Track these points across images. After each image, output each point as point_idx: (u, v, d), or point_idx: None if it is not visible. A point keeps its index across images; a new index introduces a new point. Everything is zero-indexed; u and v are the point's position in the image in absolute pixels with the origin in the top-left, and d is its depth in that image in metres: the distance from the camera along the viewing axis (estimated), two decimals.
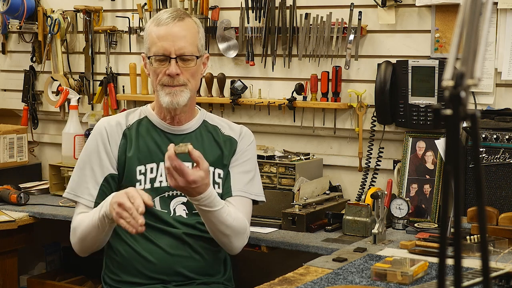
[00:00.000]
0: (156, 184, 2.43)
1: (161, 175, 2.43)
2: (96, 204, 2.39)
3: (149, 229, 2.39)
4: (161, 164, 2.44)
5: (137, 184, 2.42)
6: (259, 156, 3.09)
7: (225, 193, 2.49)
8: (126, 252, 2.41)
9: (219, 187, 2.48)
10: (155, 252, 2.39)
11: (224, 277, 2.52)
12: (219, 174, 2.49)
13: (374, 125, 3.17)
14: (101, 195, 2.40)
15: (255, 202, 2.56)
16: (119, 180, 2.45)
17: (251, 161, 2.57)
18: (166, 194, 2.43)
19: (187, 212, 2.43)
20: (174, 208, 2.43)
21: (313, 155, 3.26)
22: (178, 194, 2.43)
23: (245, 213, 2.48)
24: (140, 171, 2.43)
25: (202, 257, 2.43)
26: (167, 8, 3.57)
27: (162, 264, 2.39)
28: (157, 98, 2.46)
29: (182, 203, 2.44)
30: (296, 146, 3.39)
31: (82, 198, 2.44)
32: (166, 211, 2.41)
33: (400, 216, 2.86)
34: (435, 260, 2.26)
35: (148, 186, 2.42)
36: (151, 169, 2.44)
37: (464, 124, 1.10)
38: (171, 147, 2.17)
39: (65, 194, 2.51)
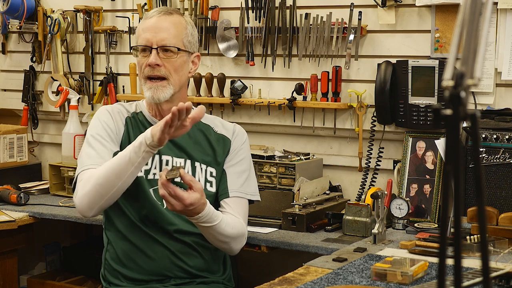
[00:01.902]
0: (150, 176, 2.43)
1: (155, 168, 2.43)
2: None
3: (147, 224, 2.40)
4: (156, 156, 2.45)
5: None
6: (259, 156, 3.10)
7: (222, 194, 2.49)
8: (127, 247, 2.41)
9: (211, 186, 2.48)
10: (155, 247, 2.40)
11: (224, 276, 2.53)
12: (211, 173, 2.49)
13: (374, 125, 3.17)
14: None
15: (250, 201, 2.57)
16: None
17: (246, 160, 2.57)
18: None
19: None
20: None
21: (313, 155, 3.26)
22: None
23: (242, 214, 2.49)
24: None
25: (199, 253, 2.44)
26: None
27: (162, 259, 2.40)
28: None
29: None
30: (296, 146, 3.39)
31: (94, 164, 2.35)
32: (160, 203, 2.41)
33: (400, 216, 2.86)
34: (435, 260, 2.26)
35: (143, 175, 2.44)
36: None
37: (464, 124, 1.10)
38: (162, 174, 2.15)
39: (76, 174, 2.40)
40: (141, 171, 2.40)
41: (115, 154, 2.38)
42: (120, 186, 2.27)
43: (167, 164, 2.44)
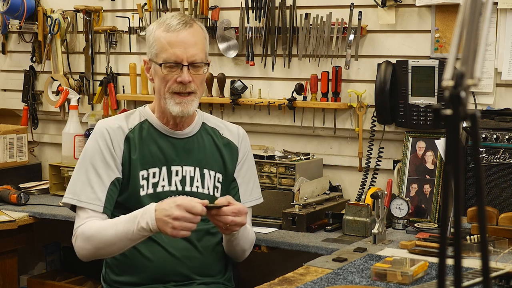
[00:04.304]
0: (159, 189, 2.40)
1: (163, 180, 2.41)
2: (105, 209, 2.35)
3: None
4: (164, 168, 2.42)
5: (141, 189, 2.38)
6: (259, 156, 3.10)
7: None
8: (129, 252, 2.39)
9: (217, 191, 2.47)
10: (157, 252, 2.39)
11: (224, 277, 2.52)
12: (218, 179, 2.49)
13: (374, 125, 3.17)
14: (109, 200, 2.36)
15: None
16: (122, 184, 2.41)
17: (252, 165, 2.60)
18: (168, 198, 2.41)
19: None
20: None
21: (313, 155, 3.26)
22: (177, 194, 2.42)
23: (250, 222, 2.56)
24: (142, 175, 2.39)
25: (203, 257, 2.43)
26: (167, 8, 3.57)
27: (164, 264, 2.38)
28: (160, 104, 2.41)
29: None
30: (296, 146, 3.39)
31: (90, 203, 2.35)
32: None
33: (400, 216, 2.86)
34: (435, 260, 2.26)
35: (150, 191, 2.39)
36: (154, 173, 2.40)
37: (464, 124, 1.10)
38: (226, 211, 2.21)
39: (66, 199, 2.39)
40: (147, 187, 2.39)
41: (112, 182, 2.37)
42: (119, 252, 2.34)
43: (177, 175, 2.43)
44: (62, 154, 3.71)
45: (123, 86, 3.79)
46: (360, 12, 3.15)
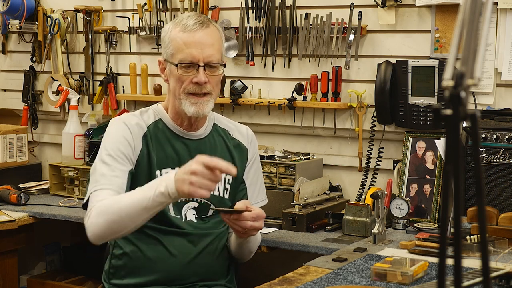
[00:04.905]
0: None
1: None
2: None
3: (161, 234, 2.37)
4: (176, 169, 2.40)
5: None
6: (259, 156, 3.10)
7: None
8: (133, 254, 2.38)
9: (226, 193, 2.47)
10: (162, 255, 2.37)
11: (227, 279, 2.52)
12: (228, 180, 2.48)
13: (374, 125, 3.17)
14: (127, 187, 2.31)
15: None
16: (132, 180, 2.36)
17: (259, 167, 2.60)
18: (179, 200, 2.39)
19: (196, 216, 2.42)
20: (186, 213, 2.41)
21: (313, 155, 3.26)
22: (190, 199, 2.40)
23: None
24: (156, 176, 2.37)
25: (208, 261, 2.42)
26: (166, 8, 3.57)
27: (168, 267, 2.37)
28: (175, 104, 2.39)
29: (193, 208, 2.43)
30: (296, 146, 3.39)
31: (111, 184, 2.26)
32: (178, 216, 2.39)
33: (400, 216, 2.86)
34: (435, 260, 2.26)
35: None
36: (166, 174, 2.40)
37: (464, 124, 1.10)
38: (249, 215, 2.22)
39: (87, 195, 2.30)
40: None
41: (130, 172, 2.32)
42: (133, 228, 2.21)
43: None
44: (62, 154, 3.71)
45: (123, 86, 3.79)
46: (360, 12, 3.16)
